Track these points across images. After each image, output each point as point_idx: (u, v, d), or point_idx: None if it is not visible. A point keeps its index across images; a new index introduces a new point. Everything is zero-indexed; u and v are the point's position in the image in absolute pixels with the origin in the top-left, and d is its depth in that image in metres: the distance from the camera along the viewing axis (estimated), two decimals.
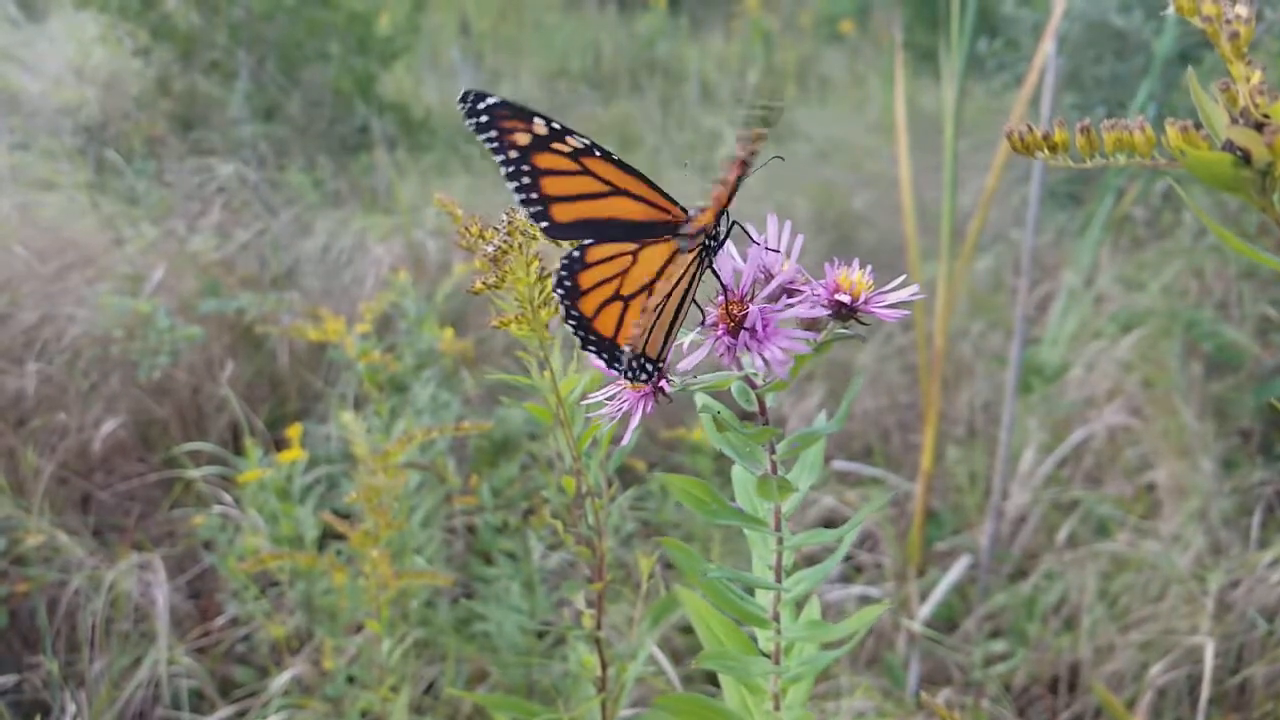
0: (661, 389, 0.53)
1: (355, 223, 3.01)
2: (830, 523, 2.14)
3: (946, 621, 1.99)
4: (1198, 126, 0.36)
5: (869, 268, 0.56)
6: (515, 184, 0.52)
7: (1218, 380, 2.20)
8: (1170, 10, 0.39)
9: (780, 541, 0.59)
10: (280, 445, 1.92)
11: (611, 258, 0.52)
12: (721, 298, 0.54)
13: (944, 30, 2.04)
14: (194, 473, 1.98)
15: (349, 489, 1.90)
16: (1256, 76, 0.36)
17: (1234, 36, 0.36)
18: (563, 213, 0.52)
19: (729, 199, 0.52)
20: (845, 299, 0.54)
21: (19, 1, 5.18)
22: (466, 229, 0.57)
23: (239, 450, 2.17)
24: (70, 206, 2.84)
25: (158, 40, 3.65)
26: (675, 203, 0.56)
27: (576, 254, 0.52)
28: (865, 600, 1.95)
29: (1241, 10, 0.36)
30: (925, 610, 1.85)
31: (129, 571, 1.76)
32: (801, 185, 3.53)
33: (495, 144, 0.53)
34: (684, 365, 0.51)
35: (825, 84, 5.28)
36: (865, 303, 0.55)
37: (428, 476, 1.81)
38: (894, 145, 1.99)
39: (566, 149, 0.53)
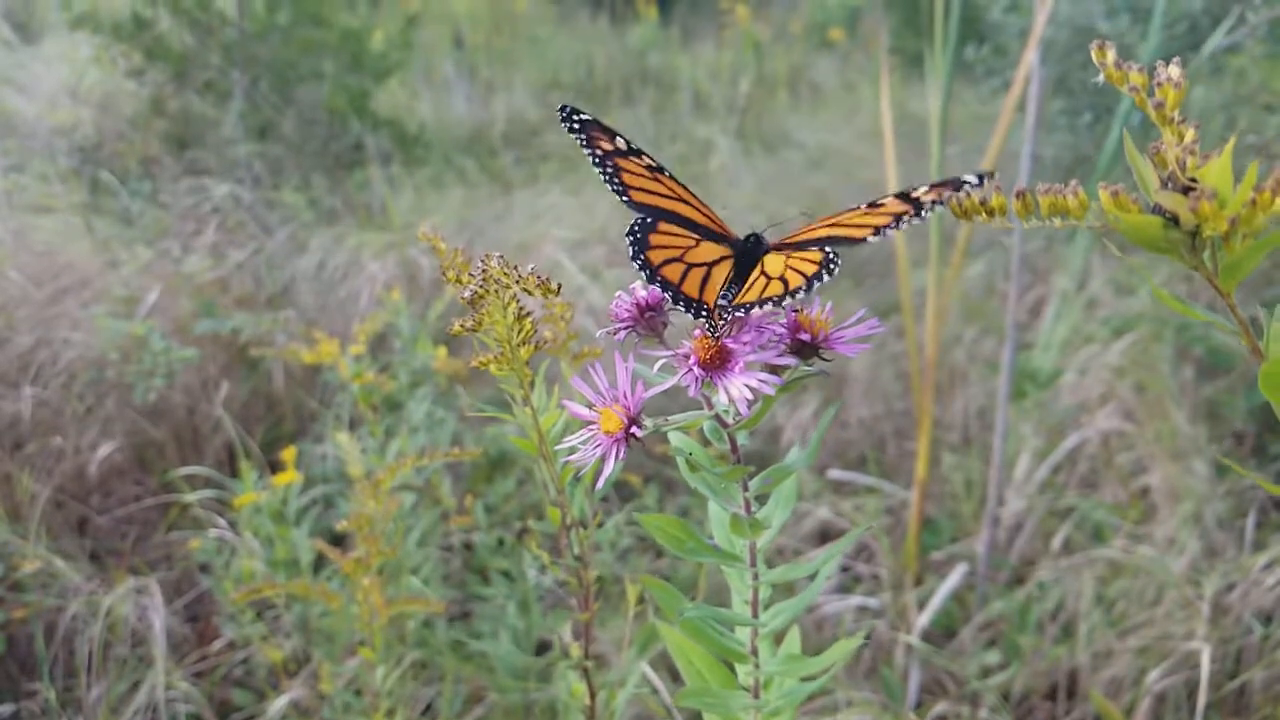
0: (634, 434, 0.54)
1: (350, 240, 3.02)
2: (825, 534, 2.14)
3: (945, 630, 1.99)
4: (1132, 189, 0.37)
5: (829, 307, 0.57)
6: (601, 173, 0.64)
7: (1209, 383, 2.21)
8: (1101, 78, 0.40)
9: (756, 577, 0.59)
10: (276, 466, 1.93)
11: (677, 235, 0.63)
12: (698, 331, 0.55)
13: (928, 37, 2.05)
14: (190, 496, 1.98)
15: (345, 508, 1.91)
16: (1190, 135, 0.37)
17: (1159, 106, 0.37)
18: (639, 196, 0.64)
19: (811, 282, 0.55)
20: (806, 338, 0.55)
21: (13, 23, 5.21)
22: (448, 270, 0.58)
23: (235, 471, 2.18)
24: (65, 229, 2.85)
25: (151, 61, 3.66)
26: (721, 223, 0.67)
27: (649, 220, 0.63)
28: (863, 611, 1.96)
29: (1174, 72, 0.37)
30: (923, 619, 1.86)
31: (126, 596, 1.76)
32: (793, 194, 3.54)
33: (584, 143, 0.64)
34: (651, 394, 0.53)
35: (816, 91, 5.30)
36: (826, 340, 0.56)
37: (424, 494, 1.82)
38: (890, 150, 2.00)
39: (643, 163, 0.64)
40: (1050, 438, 2.24)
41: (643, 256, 0.60)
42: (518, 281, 0.54)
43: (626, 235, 0.61)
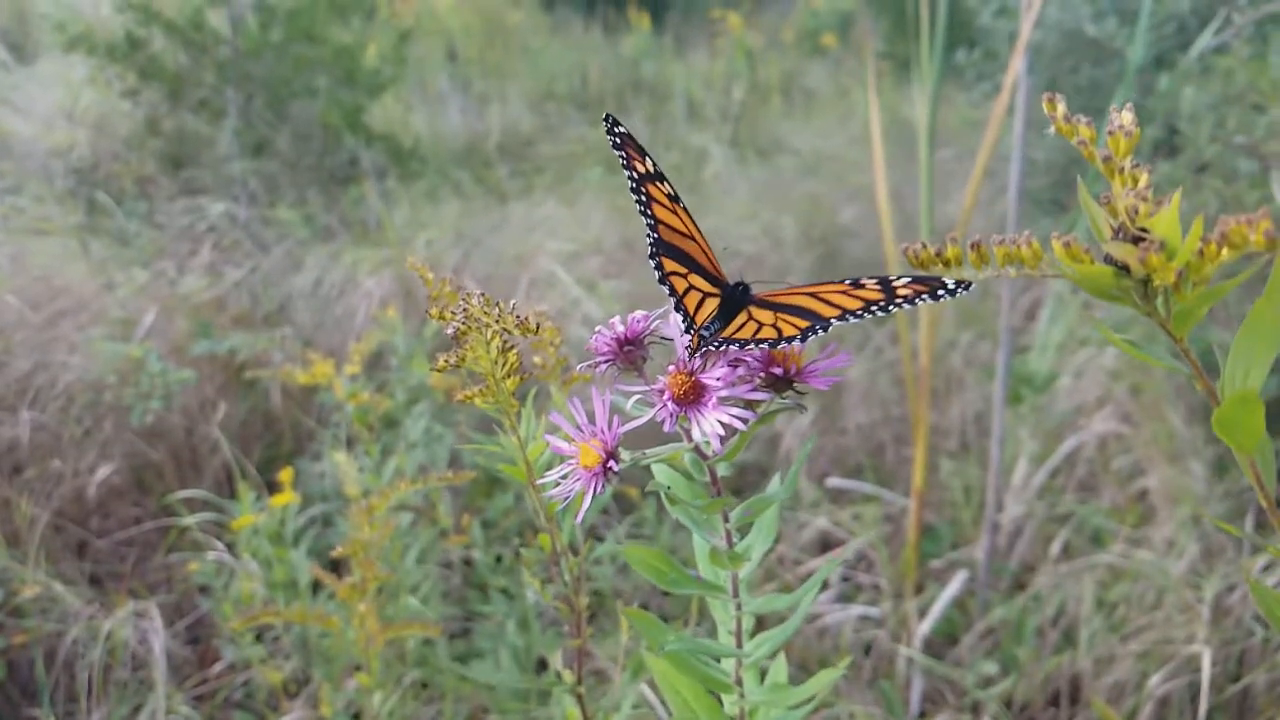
0: (611, 468, 0.54)
1: (346, 256, 3.03)
2: (825, 544, 2.14)
3: (947, 637, 1.99)
4: (1092, 240, 0.37)
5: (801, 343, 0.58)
6: (636, 200, 0.66)
7: None
8: (1051, 130, 0.40)
9: (739, 608, 0.60)
10: (274, 487, 1.93)
11: (675, 271, 0.66)
12: (673, 366, 0.56)
13: (917, 43, 2.06)
14: (188, 519, 1.98)
15: (344, 527, 1.91)
16: (1143, 180, 0.37)
17: (1108, 159, 0.37)
18: (665, 234, 0.67)
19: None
20: (779, 371, 0.56)
21: (8, 44, 5.23)
22: (433, 305, 0.59)
23: (234, 491, 2.18)
24: (62, 252, 2.86)
25: (146, 81, 3.67)
26: (718, 267, 0.70)
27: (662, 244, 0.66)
28: (864, 620, 1.96)
29: (1126, 119, 0.37)
30: (924, 627, 1.85)
31: (126, 619, 1.76)
32: (788, 201, 3.55)
33: (624, 162, 0.66)
34: (627, 429, 0.54)
35: (810, 98, 5.31)
36: (799, 373, 0.57)
37: (422, 514, 1.82)
38: (878, 157, 2.01)
39: (666, 190, 0.67)
40: (1047, 442, 2.24)
41: (659, 259, 0.65)
42: (498, 320, 0.55)
43: (648, 236, 0.67)
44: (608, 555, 1.84)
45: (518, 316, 0.55)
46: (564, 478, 0.55)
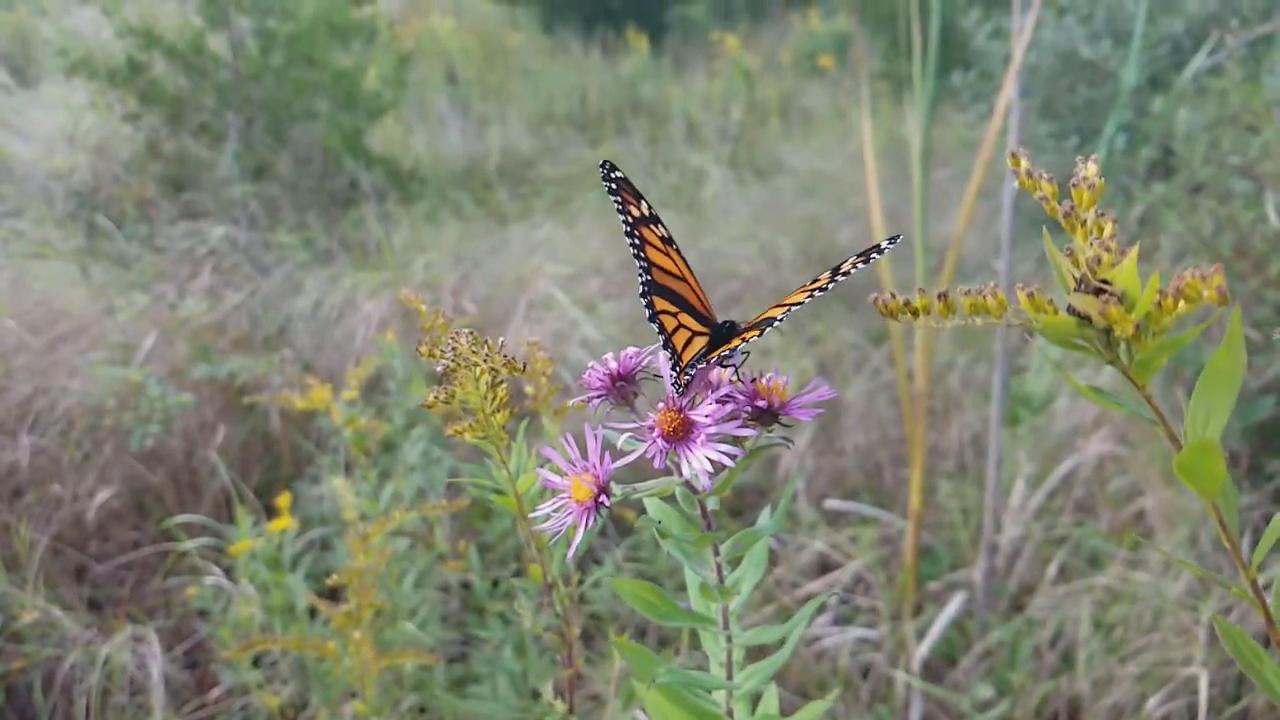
0: (603, 503, 0.55)
1: (345, 279, 3.04)
2: (824, 566, 2.14)
3: (946, 658, 1.98)
4: (1058, 296, 0.38)
5: (786, 378, 0.59)
6: (630, 243, 0.67)
7: None
8: (1015, 185, 0.41)
9: (729, 640, 0.60)
10: (272, 511, 1.94)
11: (665, 310, 0.68)
12: (663, 404, 0.57)
13: (911, 64, 2.08)
14: (187, 544, 1.98)
15: (342, 551, 1.91)
16: (1108, 230, 0.38)
17: (1069, 213, 0.38)
18: (658, 275, 0.69)
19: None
20: (763, 405, 0.58)
21: (10, 68, 5.28)
22: (424, 342, 0.60)
23: (233, 515, 2.18)
24: (62, 276, 2.87)
25: (146, 105, 3.71)
26: (709, 307, 0.72)
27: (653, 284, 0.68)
28: (862, 643, 1.95)
29: (1090, 171, 0.38)
30: (923, 649, 1.85)
31: (124, 645, 1.76)
32: (786, 221, 3.57)
33: (619, 207, 0.68)
34: (619, 465, 0.56)
35: (807, 118, 5.35)
36: (783, 407, 0.58)
37: (419, 539, 1.82)
38: (872, 178, 2.02)
39: (660, 233, 0.69)
40: (1045, 463, 2.25)
41: (649, 299, 0.67)
42: (486, 359, 0.56)
43: (640, 277, 0.69)
44: (606, 576, 1.84)
45: (505, 356, 0.56)
46: (556, 511, 0.56)
